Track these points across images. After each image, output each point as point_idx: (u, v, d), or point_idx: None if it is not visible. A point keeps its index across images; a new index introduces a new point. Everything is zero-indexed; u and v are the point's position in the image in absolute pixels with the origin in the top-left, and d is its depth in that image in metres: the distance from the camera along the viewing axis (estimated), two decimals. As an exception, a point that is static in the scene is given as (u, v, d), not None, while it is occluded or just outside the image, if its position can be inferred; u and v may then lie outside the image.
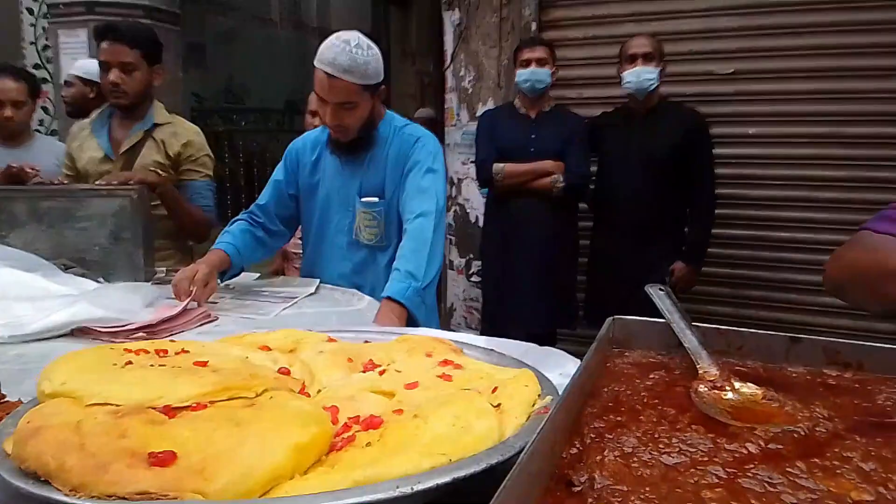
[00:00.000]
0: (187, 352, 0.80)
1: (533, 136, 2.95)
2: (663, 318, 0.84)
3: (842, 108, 3.02)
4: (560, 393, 0.65)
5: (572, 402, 0.62)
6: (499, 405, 0.64)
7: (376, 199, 1.91)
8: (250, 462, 0.51)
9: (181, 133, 2.42)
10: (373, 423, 0.60)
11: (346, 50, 1.70)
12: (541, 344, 1.03)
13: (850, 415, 0.67)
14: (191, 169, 2.42)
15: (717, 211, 2.91)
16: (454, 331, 3.96)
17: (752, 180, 3.19)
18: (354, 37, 1.74)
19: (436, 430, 0.56)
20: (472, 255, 3.79)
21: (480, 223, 3.43)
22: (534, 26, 3.51)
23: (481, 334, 3.42)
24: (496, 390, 0.68)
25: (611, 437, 0.59)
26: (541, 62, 2.89)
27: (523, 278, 2.95)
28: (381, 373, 0.77)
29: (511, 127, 3.00)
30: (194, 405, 0.62)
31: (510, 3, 3.56)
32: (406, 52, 7.25)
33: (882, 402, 0.70)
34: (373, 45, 1.77)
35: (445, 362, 0.78)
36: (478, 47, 3.70)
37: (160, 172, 2.32)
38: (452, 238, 3.91)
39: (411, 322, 1.57)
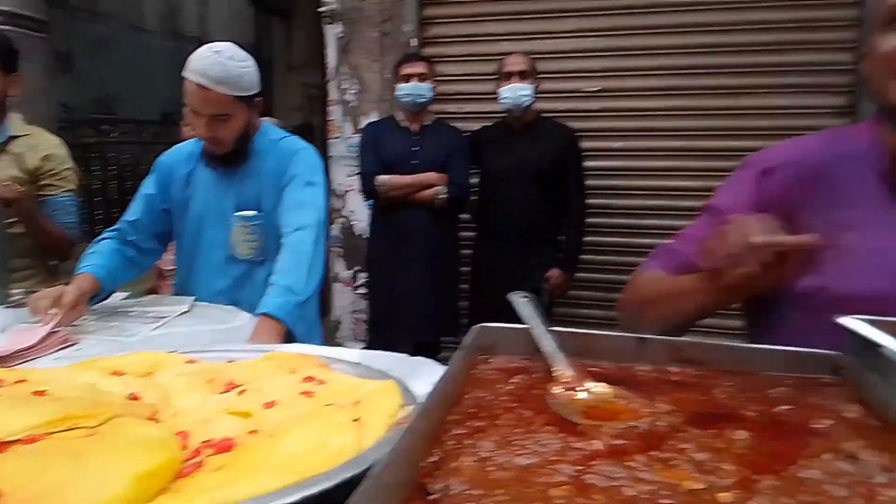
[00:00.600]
0: (25, 381, 0.74)
1: (415, 149, 2.99)
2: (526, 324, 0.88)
3: (696, 123, 3.28)
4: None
5: (433, 410, 0.63)
6: (358, 419, 0.64)
7: (253, 213, 1.86)
8: (85, 495, 0.48)
9: (40, 145, 2.26)
10: (225, 445, 0.58)
11: (219, 61, 1.66)
12: (426, 352, 1.04)
13: (689, 408, 0.72)
14: (51, 184, 2.26)
15: (588, 220, 3.07)
16: (341, 344, 3.92)
17: (618, 191, 3.39)
18: (227, 47, 1.70)
19: (290, 449, 0.55)
20: (358, 267, 3.77)
21: (366, 235, 3.43)
22: (414, 42, 3.57)
23: (368, 346, 3.41)
24: (358, 404, 0.67)
25: (470, 442, 0.61)
26: (421, 77, 2.93)
27: (409, 288, 2.97)
28: (241, 393, 0.75)
29: (394, 139, 3.02)
30: (28, 437, 0.58)
31: (391, 18, 3.60)
32: (290, 63, 7.13)
33: (718, 395, 0.76)
34: (247, 55, 1.74)
35: (308, 378, 0.76)
36: (359, 61, 3.71)
37: (16, 187, 2.14)
38: (339, 250, 3.87)
39: (290, 338, 1.54)
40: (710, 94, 3.25)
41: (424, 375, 0.84)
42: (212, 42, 1.73)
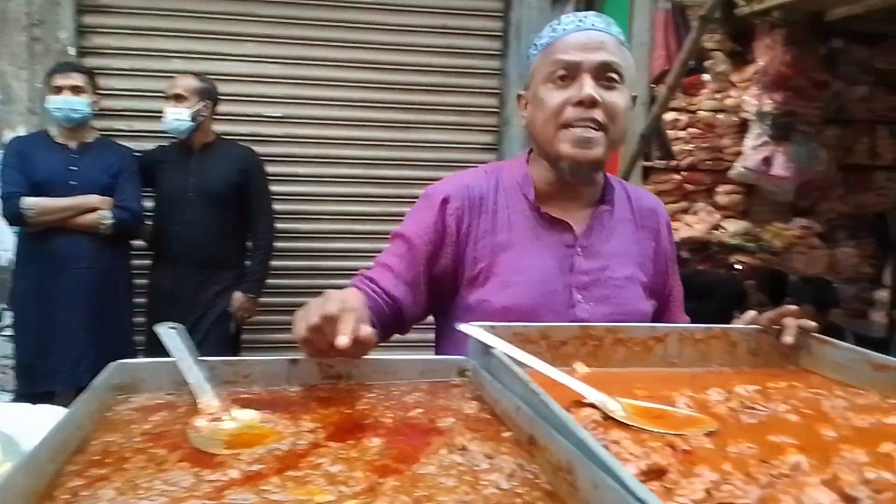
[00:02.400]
0: None
1: (74, 169, 2.67)
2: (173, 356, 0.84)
3: (372, 153, 3.51)
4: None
5: (42, 464, 0.57)
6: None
7: None
8: None
9: None
10: None
11: None
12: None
13: (333, 422, 0.75)
14: None
15: (276, 244, 3.05)
16: (-19, 399, 3.27)
17: (304, 215, 3.46)
18: None
19: None
20: (4, 305, 3.20)
21: (14, 267, 2.93)
22: (72, 51, 3.18)
23: (17, 398, 2.90)
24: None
25: (87, 494, 0.55)
26: (76, 90, 2.63)
27: (68, 326, 2.63)
28: None
29: (47, 158, 2.67)
30: None
31: (42, 23, 3.16)
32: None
33: (362, 406, 0.81)
34: None
35: None
36: (4, 67, 3.19)
37: None
38: (-23, 287, 3.24)
39: None
40: (383, 127, 3.51)
41: (45, 425, 0.74)
42: None
